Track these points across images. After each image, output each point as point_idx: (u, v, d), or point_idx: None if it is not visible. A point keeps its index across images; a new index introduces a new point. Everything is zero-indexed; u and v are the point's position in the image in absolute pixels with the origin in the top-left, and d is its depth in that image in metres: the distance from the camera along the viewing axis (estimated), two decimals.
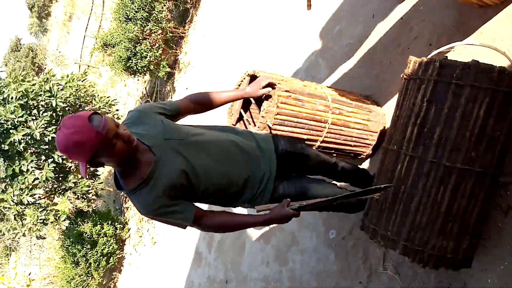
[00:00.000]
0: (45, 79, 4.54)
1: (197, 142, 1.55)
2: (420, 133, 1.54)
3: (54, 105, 4.31)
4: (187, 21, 6.14)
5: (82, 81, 4.91)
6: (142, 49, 5.22)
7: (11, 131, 3.99)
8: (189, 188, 1.49)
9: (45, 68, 12.48)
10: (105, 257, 5.58)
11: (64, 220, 4.74)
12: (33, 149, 4.22)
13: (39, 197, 4.60)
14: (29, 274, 7.97)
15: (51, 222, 4.44)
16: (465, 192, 1.50)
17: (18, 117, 4.01)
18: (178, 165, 1.46)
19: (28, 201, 4.16)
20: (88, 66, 9.41)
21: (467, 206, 1.52)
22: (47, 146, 4.25)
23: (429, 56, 1.60)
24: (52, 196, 4.69)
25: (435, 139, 1.50)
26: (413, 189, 1.55)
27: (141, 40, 5.31)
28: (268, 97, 1.93)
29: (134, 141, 1.36)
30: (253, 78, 2.11)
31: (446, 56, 1.54)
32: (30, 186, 4.13)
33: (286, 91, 1.97)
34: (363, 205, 1.85)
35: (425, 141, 1.53)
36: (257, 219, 1.58)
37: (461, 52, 2.11)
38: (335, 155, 2.31)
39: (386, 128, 2.36)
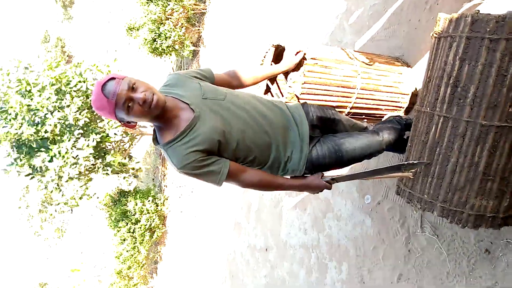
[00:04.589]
0: (76, 65, 4.69)
1: (234, 104, 1.58)
2: (454, 93, 1.50)
3: (84, 89, 4.45)
4: None
5: (109, 67, 5.03)
6: (165, 29, 5.25)
7: (47, 115, 4.17)
8: (224, 147, 1.52)
9: (74, 56, 12.80)
10: (149, 232, 5.87)
11: (98, 197, 4.97)
12: (68, 134, 4.40)
13: (79, 172, 4.80)
14: (81, 253, 8.51)
15: (90, 198, 4.68)
16: (504, 149, 1.46)
17: (53, 102, 4.18)
18: (216, 123, 1.50)
19: (69, 174, 4.35)
20: (116, 51, 9.57)
21: (506, 164, 1.49)
22: (81, 131, 4.41)
23: (459, 12, 1.53)
24: (90, 173, 4.90)
25: (470, 98, 1.46)
26: (448, 150, 1.53)
27: (163, 21, 5.32)
28: (301, 65, 1.94)
29: (152, 102, 1.38)
30: (277, 48, 2.10)
31: (478, 10, 1.46)
32: (71, 163, 4.32)
33: (312, 58, 1.95)
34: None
35: (459, 101, 1.49)
36: (293, 183, 1.67)
37: (495, 3, 2.00)
38: (366, 120, 2.29)
39: (418, 90, 2.30)
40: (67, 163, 4.26)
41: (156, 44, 5.30)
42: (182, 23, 5.45)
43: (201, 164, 1.47)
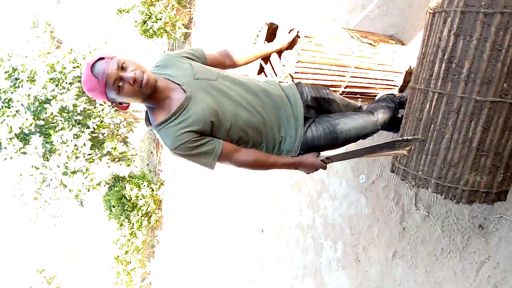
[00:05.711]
0: (69, 51, 4.61)
1: (226, 85, 1.57)
2: (448, 68, 1.49)
3: (79, 74, 4.39)
4: None
5: (100, 50, 4.95)
6: (156, 11, 5.16)
7: (45, 105, 4.12)
8: (217, 128, 1.51)
9: (63, 42, 12.57)
10: (146, 217, 5.89)
11: (105, 185, 4.96)
12: (68, 121, 4.36)
13: (80, 161, 4.77)
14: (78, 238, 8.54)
15: (93, 188, 4.66)
16: (498, 125, 1.47)
17: (50, 91, 4.13)
18: (209, 103, 1.48)
19: (74, 168, 4.35)
20: (106, 35, 9.40)
21: (500, 139, 1.49)
22: (80, 117, 4.38)
23: None
24: (89, 163, 4.87)
25: (464, 74, 1.45)
26: (442, 126, 1.53)
27: (154, 2, 5.23)
28: (294, 44, 1.91)
29: (143, 81, 1.37)
30: (271, 27, 2.07)
31: None
32: (73, 155, 4.30)
33: (306, 36, 1.93)
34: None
35: (454, 77, 1.48)
36: (288, 161, 1.66)
37: None
38: (360, 99, 2.28)
39: (412, 68, 2.29)
40: (69, 157, 4.24)
41: (147, 26, 5.22)
42: (173, 5, 5.35)
43: (194, 144, 1.46)
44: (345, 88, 2.13)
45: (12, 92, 4.15)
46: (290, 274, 3.40)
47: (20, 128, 4.03)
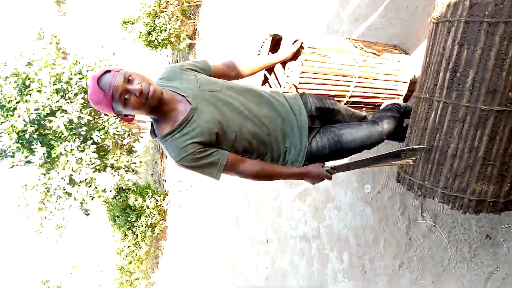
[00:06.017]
0: (75, 62, 4.65)
1: (231, 96, 1.57)
2: (453, 78, 1.49)
3: (85, 85, 4.42)
4: None
5: (107, 60, 5.00)
6: (161, 22, 5.21)
7: (50, 117, 4.15)
8: (222, 139, 1.51)
9: (69, 53, 12.70)
10: (150, 228, 5.87)
11: (111, 191, 4.93)
12: (72, 132, 4.38)
13: (85, 174, 4.78)
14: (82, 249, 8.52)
15: (99, 197, 4.65)
16: (504, 134, 1.46)
17: (55, 102, 4.15)
18: (214, 115, 1.49)
19: (80, 179, 4.36)
20: (111, 46, 9.50)
21: (507, 148, 1.48)
22: (84, 128, 4.40)
23: None
24: (93, 172, 4.87)
25: (469, 83, 1.45)
26: (448, 136, 1.52)
27: (158, 14, 5.29)
28: (298, 55, 1.92)
29: (149, 93, 1.37)
30: (274, 38, 2.09)
31: None
32: (78, 167, 4.31)
33: (310, 47, 1.94)
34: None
35: (459, 86, 1.48)
36: (293, 171, 1.65)
37: None
38: (364, 109, 2.28)
39: (416, 77, 2.29)
40: (74, 170, 4.25)
41: (152, 37, 5.27)
42: (177, 16, 5.41)
43: (199, 156, 1.46)
44: (349, 98, 2.13)
45: (17, 102, 4.18)
46: (296, 286, 3.37)
47: (23, 129, 4.05)
